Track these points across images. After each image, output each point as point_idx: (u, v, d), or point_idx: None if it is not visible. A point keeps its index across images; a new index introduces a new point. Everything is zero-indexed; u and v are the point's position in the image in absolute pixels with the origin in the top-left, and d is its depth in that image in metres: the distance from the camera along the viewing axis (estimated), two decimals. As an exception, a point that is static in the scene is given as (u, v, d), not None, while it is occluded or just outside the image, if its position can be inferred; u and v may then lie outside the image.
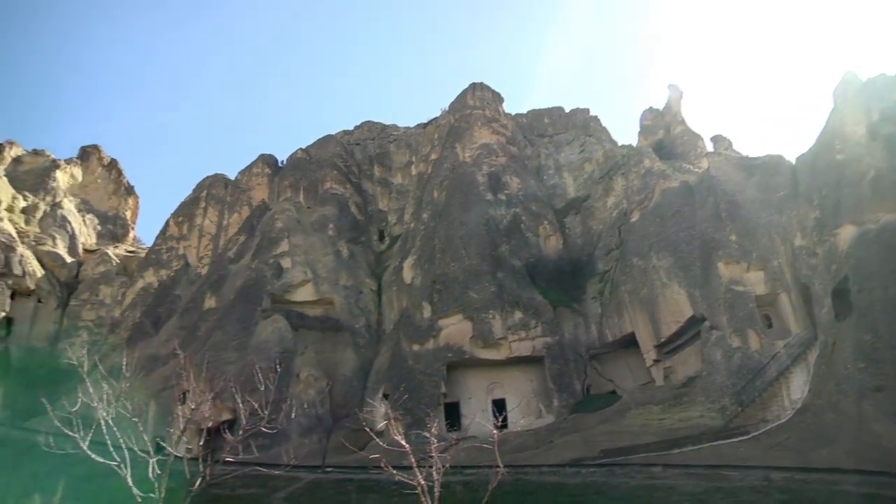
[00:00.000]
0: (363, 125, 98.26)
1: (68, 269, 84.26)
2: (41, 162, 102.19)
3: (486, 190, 65.55)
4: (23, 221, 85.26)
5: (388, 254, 74.42)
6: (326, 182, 79.69)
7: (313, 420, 50.81)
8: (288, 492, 34.54)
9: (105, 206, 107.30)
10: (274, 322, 59.08)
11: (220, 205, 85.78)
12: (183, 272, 78.24)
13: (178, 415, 23.25)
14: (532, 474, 33.18)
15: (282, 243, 67.76)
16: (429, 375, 50.89)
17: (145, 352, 62.96)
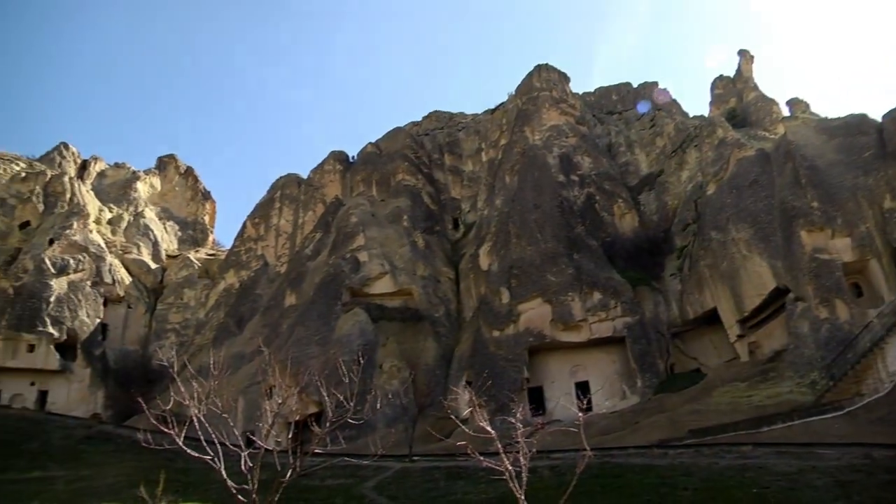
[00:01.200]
0: (431, 115, 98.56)
1: (153, 275, 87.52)
2: (123, 174, 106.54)
3: (557, 171, 64.99)
4: (109, 232, 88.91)
5: (464, 242, 74.60)
6: (398, 174, 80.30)
7: (398, 410, 51.51)
8: (377, 481, 35.03)
9: (184, 212, 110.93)
10: (354, 315, 59.96)
11: (294, 204, 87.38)
12: (262, 272, 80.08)
13: (266, 409, 23.76)
14: (619, 456, 32.82)
15: (357, 237, 68.65)
16: (511, 361, 50.95)
17: (231, 350, 64.58)
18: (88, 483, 36.79)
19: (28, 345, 70.81)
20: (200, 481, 34.04)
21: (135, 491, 27.67)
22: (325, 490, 33.43)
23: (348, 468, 34.91)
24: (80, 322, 74.55)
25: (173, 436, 20.63)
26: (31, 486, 35.35)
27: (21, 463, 40.98)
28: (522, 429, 19.67)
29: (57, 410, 65.97)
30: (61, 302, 74.27)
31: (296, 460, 21.19)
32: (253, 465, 20.47)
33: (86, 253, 79.61)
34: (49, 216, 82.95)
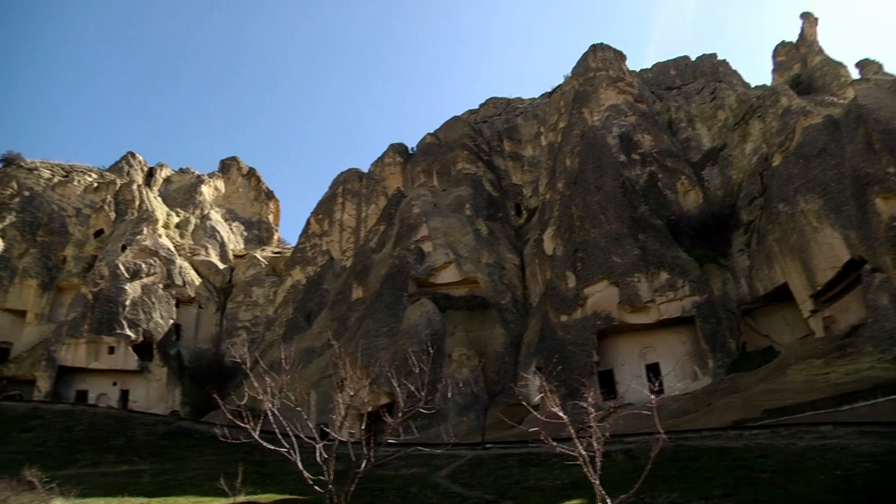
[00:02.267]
0: (488, 102, 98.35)
1: (222, 275, 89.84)
2: (188, 179, 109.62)
3: (618, 151, 64.08)
4: (178, 235, 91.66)
5: (527, 227, 74.36)
6: (458, 163, 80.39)
7: (469, 398, 51.72)
8: (450, 470, 35.20)
9: (248, 212, 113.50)
10: (421, 306, 60.37)
11: (356, 198, 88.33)
12: (328, 267, 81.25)
13: (338, 402, 24.05)
14: (693, 439, 32.27)
15: (421, 228, 69.05)
16: (580, 345, 50.62)
17: (301, 345, 65.63)
18: (172, 476, 37.97)
19: (108, 347, 74.06)
20: (277, 473, 34.69)
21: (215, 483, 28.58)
22: (400, 479, 33.76)
23: (421, 457, 35.13)
24: (155, 323, 77.25)
25: (249, 430, 21.18)
26: (121, 479, 36.76)
27: (110, 457, 42.58)
28: (594, 413, 19.61)
29: (138, 408, 68.34)
30: (136, 305, 77.10)
31: (370, 451, 21.53)
32: (328, 457, 20.91)
33: (156, 257, 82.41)
34: (120, 223, 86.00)
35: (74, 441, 45.87)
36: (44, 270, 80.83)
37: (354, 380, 24.12)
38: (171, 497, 32.30)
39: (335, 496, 20.33)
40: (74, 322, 74.65)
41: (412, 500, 29.91)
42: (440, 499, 29.43)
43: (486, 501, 28.00)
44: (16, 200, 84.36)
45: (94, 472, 38.55)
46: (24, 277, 79.03)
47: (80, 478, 34.53)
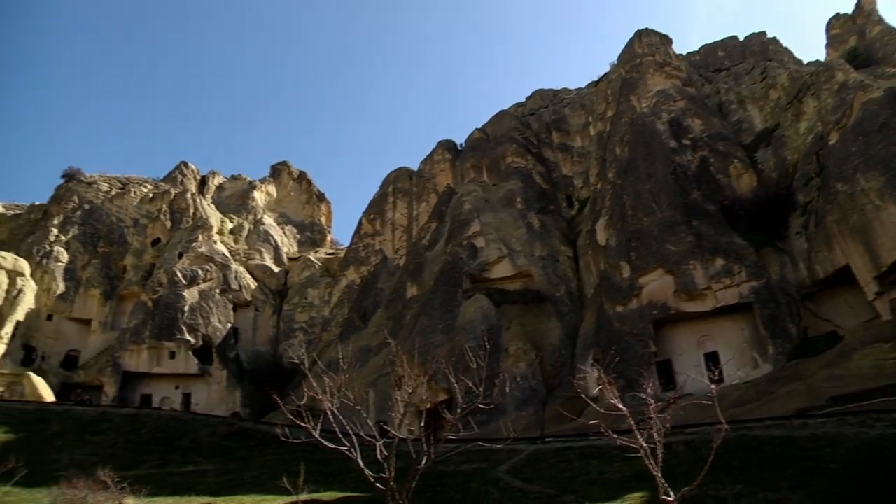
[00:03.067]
0: (535, 94, 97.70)
1: (277, 278, 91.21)
2: (240, 185, 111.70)
3: (668, 137, 63.02)
4: (232, 241, 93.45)
5: (579, 218, 73.66)
6: (507, 157, 79.98)
7: (527, 392, 51.49)
8: (510, 464, 35.08)
9: (301, 215, 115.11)
10: (476, 301, 60.29)
11: (407, 196, 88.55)
12: (382, 266, 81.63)
13: (396, 400, 24.20)
14: (756, 429, 31.51)
15: (473, 224, 68.93)
16: (636, 335, 49.95)
17: (357, 344, 66.00)
18: (236, 475, 38.65)
19: (169, 352, 76.14)
20: (338, 471, 34.97)
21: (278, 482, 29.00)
22: (461, 475, 33.76)
23: (481, 452, 35.13)
24: (213, 328, 78.87)
25: (309, 429, 21.42)
26: (187, 479, 37.68)
27: (176, 458, 43.60)
28: (654, 404, 19.37)
29: (200, 411, 69.88)
30: (194, 310, 78.86)
31: (430, 447, 21.60)
32: (388, 454, 21.05)
33: (212, 263, 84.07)
34: (176, 231, 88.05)
35: (141, 443, 47.05)
36: (105, 280, 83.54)
37: (412, 377, 24.22)
38: (236, 496, 32.93)
39: (396, 493, 20.44)
40: (136, 329, 76.95)
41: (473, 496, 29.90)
42: (501, 494, 29.37)
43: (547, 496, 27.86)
44: (77, 214, 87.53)
45: (161, 472, 39.52)
46: (88, 287, 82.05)
47: (148, 478, 35.49)
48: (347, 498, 31.46)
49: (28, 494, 32.13)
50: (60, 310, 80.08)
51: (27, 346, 76.21)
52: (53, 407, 57.70)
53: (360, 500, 30.10)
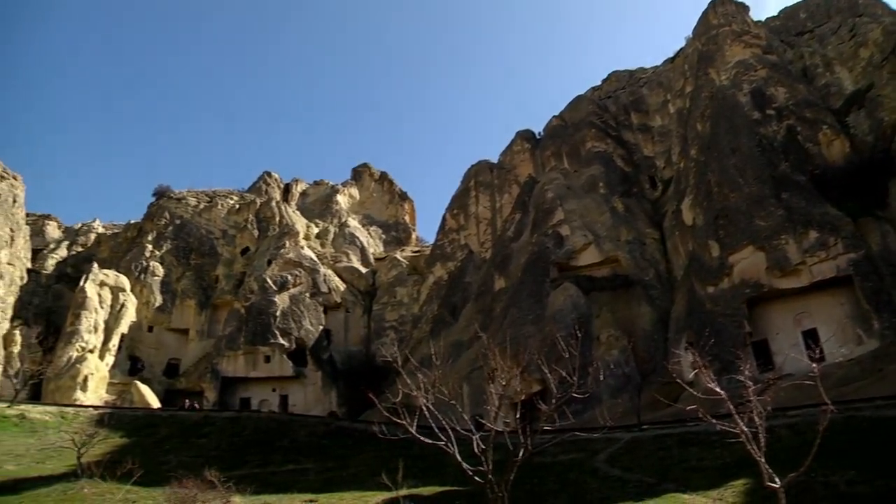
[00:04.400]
0: (610, 76, 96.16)
1: (365, 279, 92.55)
2: (322, 190, 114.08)
3: (751, 109, 60.83)
4: (319, 245, 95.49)
5: (664, 199, 72.12)
6: (587, 142, 78.94)
7: (621, 379, 50.86)
8: (608, 453, 34.75)
9: (384, 215, 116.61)
10: (565, 290, 59.79)
11: (489, 189, 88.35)
12: (468, 260, 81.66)
13: (490, 393, 24.22)
14: (865, 409, 30.15)
15: (556, 212, 68.42)
16: (730, 316, 48.47)
17: (449, 339, 66.24)
18: (336, 473, 39.47)
19: (265, 356, 78.35)
20: (436, 466, 35.23)
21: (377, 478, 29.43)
22: (559, 466, 33.61)
23: (578, 442, 34.89)
24: (306, 331, 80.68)
25: (406, 425, 21.64)
26: (288, 477, 38.67)
27: (277, 458, 44.91)
28: (753, 386, 18.85)
29: (297, 411, 71.89)
30: (286, 315, 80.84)
31: (526, 439, 21.55)
32: (485, 447, 21.12)
33: (301, 268, 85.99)
34: (264, 239, 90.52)
35: (243, 444, 48.67)
36: (199, 290, 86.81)
37: (505, 370, 24.23)
38: (337, 493, 33.60)
39: (495, 486, 20.46)
40: (231, 335, 79.48)
41: (572, 486, 29.72)
42: (600, 484, 29.12)
43: (646, 484, 27.49)
44: (169, 229, 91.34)
45: (263, 471, 40.75)
46: (184, 298, 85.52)
47: (252, 477, 36.76)
48: (447, 492, 31.67)
49: (146, 493, 33.74)
50: (160, 321, 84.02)
51: (132, 356, 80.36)
52: (160, 412, 60.81)
53: (459, 493, 30.24)
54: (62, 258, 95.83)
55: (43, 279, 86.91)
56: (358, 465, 40.69)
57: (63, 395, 66.78)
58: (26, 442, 46.70)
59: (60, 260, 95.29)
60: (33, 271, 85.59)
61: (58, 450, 43.15)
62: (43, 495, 34.19)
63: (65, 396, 66.53)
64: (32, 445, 45.84)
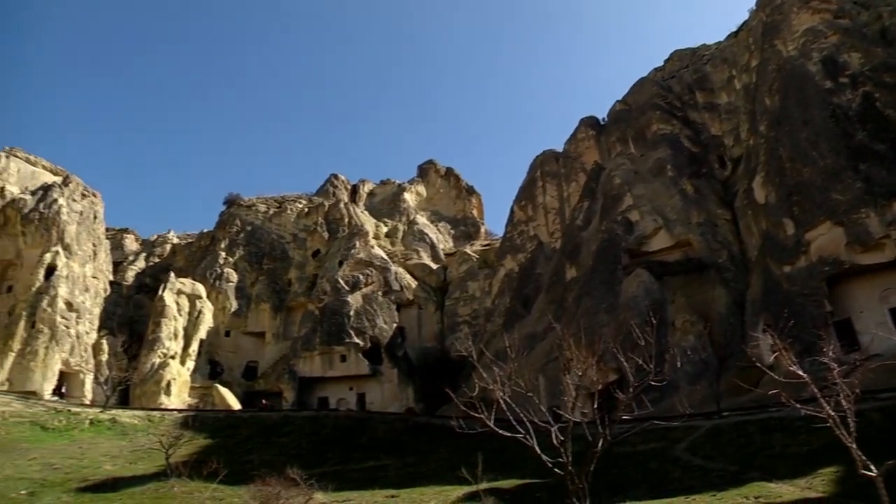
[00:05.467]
0: (672, 56, 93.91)
1: (436, 275, 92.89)
2: (389, 189, 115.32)
3: (823, 78, 58.22)
4: (389, 244, 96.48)
5: (734, 178, 70.01)
6: (652, 125, 77.27)
7: (698, 365, 49.80)
8: (689, 442, 34.20)
9: (452, 211, 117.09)
10: (637, 276, 58.97)
11: (556, 179, 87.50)
12: (538, 251, 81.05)
13: (567, 383, 24.19)
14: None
15: (625, 198, 67.49)
16: (808, 296, 46.73)
17: (522, 332, 66.07)
18: (415, 469, 39.98)
19: (340, 355, 79.61)
20: (515, 459, 35.23)
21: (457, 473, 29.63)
22: (639, 456, 33.23)
23: (657, 431, 34.44)
24: (380, 329, 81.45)
25: (484, 419, 21.67)
26: (368, 474, 39.60)
27: (357, 455, 45.85)
28: (838, 368, 18.26)
29: (375, 409, 73.10)
30: (360, 314, 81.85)
31: (605, 429, 21.36)
32: (564, 439, 21.00)
33: (372, 267, 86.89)
34: (334, 241, 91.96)
35: (323, 442, 49.71)
36: (273, 294, 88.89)
37: (580, 360, 24.14)
38: (418, 488, 33.97)
39: (575, 477, 20.33)
40: (307, 337, 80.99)
41: (652, 476, 29.34)
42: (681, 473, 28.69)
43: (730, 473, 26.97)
44: (241, 236, 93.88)
45: (344, 468, 41.58)
46: (258, 302, 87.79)
47: (332, 474, 37.66)
48: (527, 485, 31.68)
49: (231, 491, 35.24)
50: (236, 325, 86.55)
51: (211, 360, 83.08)
52: (241, 414, 62.82)
53: (540, 486, 30.21)
54: (141, 269, 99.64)
55: (124, 290, 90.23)
56: (437, 461, 41.06)
57: (149, 400, 69.68)
58: (119, 444, 49.25)
59: (139, 271, 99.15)
60: (115, 283, 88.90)
61: (147, 451, 45.66)
62: (138, 493, 36.30)
63: (150, 401, 69.34)
64: (125, 447, 48.32)
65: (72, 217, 78.86)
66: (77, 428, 52.59)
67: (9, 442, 46.97)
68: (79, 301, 74.27)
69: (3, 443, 46.58)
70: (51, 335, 68.41)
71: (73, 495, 35.75)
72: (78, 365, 71.11)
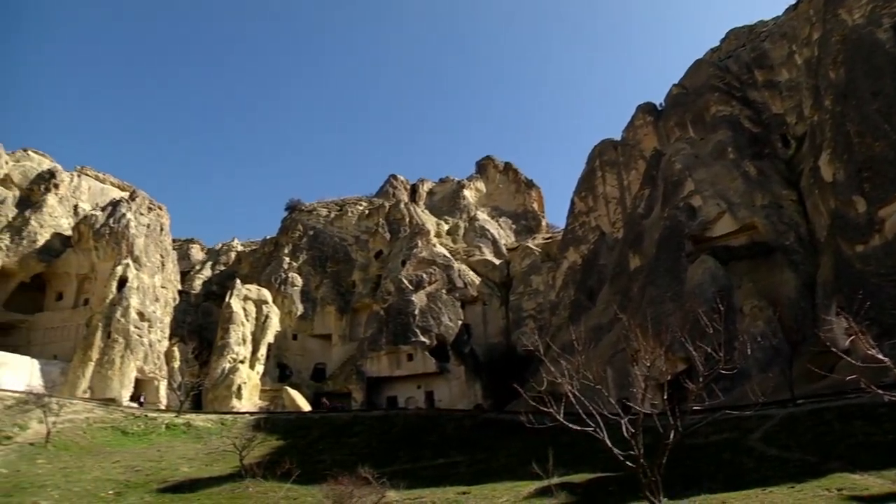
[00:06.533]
0: (728, 35, 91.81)
1: (499, 271, 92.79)
2: (448, 187, 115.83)
3: (893, 46, 55.96)
4: (450, 241, 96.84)
5: (799, 157, 67.98)
6: (710, 107, 75.59)
7: (769, 352, 48.59)
8: (763, 431, 33.42)
9: (512, 205, 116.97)
10: (702, 263, 57.99)
11: (615, 168, 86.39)
12: (601, 242, 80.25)
13: (635, 375, 24.01)
14: None
15: (686, 183, 66.34)
16: (885, 275, 44.87)
17: (588, 324, 65.44)
18: (486, 465, 40.02)
19: (407, 354, 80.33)
20: (586, 453, 35.00)
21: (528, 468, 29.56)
22: (711, 447, 32.63)
23: (730, 421, 33.68)
24: (445, 327, 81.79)
25: (553, 413, 21.53)
26: (439, 471, 39.85)
27: (427, 453, 46.19)
28: (923, 351, 17.61)
29: (443, 406, 73.49)
30: (425, 313, 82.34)
31: (676, 420, 21.04)
32: (635, 431, 20.77)
33: (435, 265, 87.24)
34: (396, 241, 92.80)
35: (393, 441, 50.22)
36: (338, 296, 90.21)
37: (648, 350, 23.93)
38: (489, 484, 33.98)
39: (648, 470, 20.13)
40: (373, 337, 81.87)
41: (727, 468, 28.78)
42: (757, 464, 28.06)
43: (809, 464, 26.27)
44: (304, 240, 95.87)
45: (414, 466, 41.95)
46: (324, 305, 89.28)
47: (403, 473, 37.97)
48: (598, 479, 31.43)
49: (305, 490, 35.92)
50: (303, 328, 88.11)
51: (280, 363, 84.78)
52: (312, 415, 64.06)
53: (611, 479, 29.95)
54: (207, 278, 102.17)
55: (192, 298, 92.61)
56: (507, 456, 41.05)
57: (221, 404, 71.62)
58: (194, 447, 50.88)
59: (206, 279, 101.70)
60: (183, 292, 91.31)
61: (222, 453, 47.06)
62: (215, 493, 37.48)
63: (222, 405, 71.33)
64: (200, 450, 49.90)
65: (139, 230, 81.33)
66: (154, 432, 54.74)
67: (94, 446, 49.37)
68: (150, 311, 76.55)
69: (89, 447, 48.91)
70: (125, 344, 70.74)
71: (154, 496, 37.20)
72: (152, 372, 73.44)
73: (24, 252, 75.57)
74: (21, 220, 77.24)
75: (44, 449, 46.11)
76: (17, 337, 75.42)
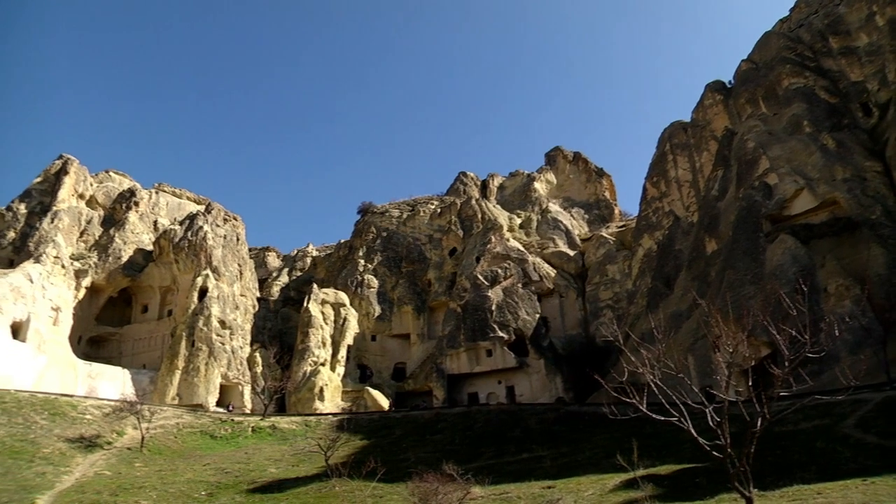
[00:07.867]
0: (798, 3, 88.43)
1: (574, 262, 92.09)
2: (519, 181, 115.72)
3: None
4: (523, 235, 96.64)
5: (883, 125, 64.93)
6: (783, 80, 73.10)
7: (859, 333, 46.49)
8: (857, 417, 32.10)
9: (584, 195, 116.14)
10: (782, 243, 56.25)
11: (686, 150, 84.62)
12: (675, 227, 78.71)
13: (718, 361, 23.54)
14: None
15: (761, 161, 64.39)
16: None
17: (667, 311, 64.37)
18: (570, 458, 39.75)
19: (486, 350, 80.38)
20: (671, 443, 34.50)
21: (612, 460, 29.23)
22: (802, 434, 31.57)
23: (820, 407, 32.60)
24: (523, 321, 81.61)
25: (636, 404, 21.18)
26: (523, 466, 39.88)
27: (510, 448, 46.27)
28: None
29: (525, 401, 73.45)
30: (501, 308, 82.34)
31: (762, 407, 20.46)
32: (720, 420, 20.26)
33: (509, 260, 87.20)
34: (469, 238, 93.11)
35: (476, 437, 50.35)
36: (414, 296, 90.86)
37: (730, 336, 23.38)
38: (574, 477, 33.74)
39: (735, 460, 19.68)
40: (451, 335, 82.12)
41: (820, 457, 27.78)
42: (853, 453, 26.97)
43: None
44: (377, 242, 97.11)
45: (499, 462, 42.01)
46: (401, 306, 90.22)
47: (488, 468, 38.27)
48: (685, 470, 30.86)
49: (390, 488, 36.46)
50: (381, 329, 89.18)
51: (360, 364, 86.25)
52: (394, 414, 64.85)
53: (698, 470, 29.37)
54: (285, 284, 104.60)
55: (271, 305, 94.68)
56: (591, 449, 40.74)
57: (304, 406, 73.22)
58: (280, 448, 52.28)
59: (284, 286, 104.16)
60: (262, 299, 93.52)
61: (307, 454, 48.41)
62: (303, 493, 38.33)
63: (305, 407, 72.89)
64: (286, 451, 51.21)
65: (217, 241, 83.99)
66: (241, 435, 56.64)
67: (185, 450, 51.49)
68: (230, 318, 78.97)
69: (180, 451, 51.09)
70: (209, 352, 73.45)
71: (245, 496, 38.40)
72: (236, 378, 75.96)
73: (111, 268, 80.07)
74: (106, 238, 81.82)
75: (139, 453, 48.68)
76: (110, 349, 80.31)
